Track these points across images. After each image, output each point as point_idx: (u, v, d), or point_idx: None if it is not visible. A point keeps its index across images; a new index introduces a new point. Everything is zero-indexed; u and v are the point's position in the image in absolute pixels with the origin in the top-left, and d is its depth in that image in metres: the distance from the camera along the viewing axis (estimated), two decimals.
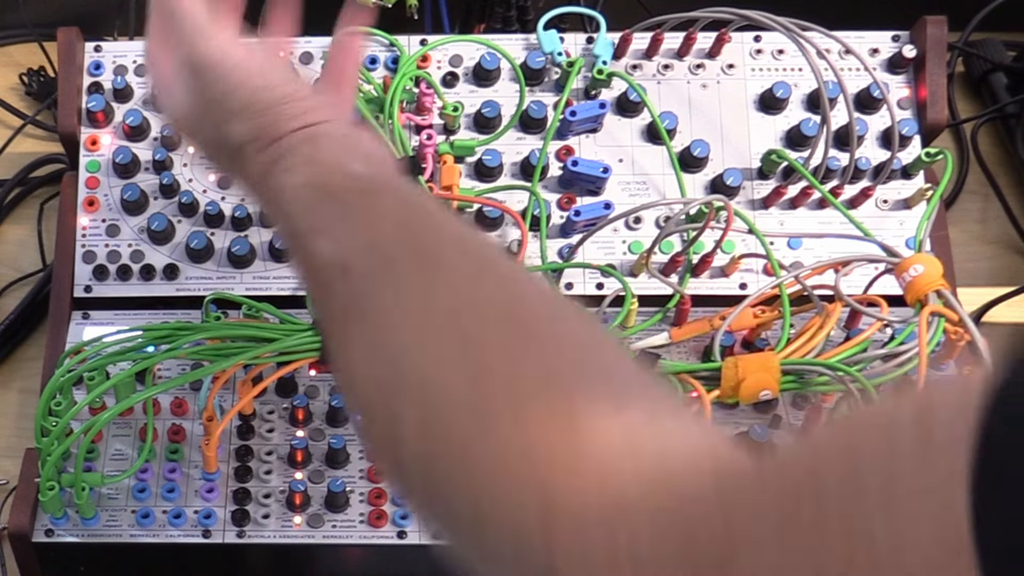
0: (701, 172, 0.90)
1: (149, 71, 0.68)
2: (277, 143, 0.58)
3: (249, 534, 0.80)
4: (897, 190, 0.90)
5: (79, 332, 0.88)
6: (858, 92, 0.90)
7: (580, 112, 0.89)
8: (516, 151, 0.90)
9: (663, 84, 0.92)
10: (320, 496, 0.81)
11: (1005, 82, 1.06)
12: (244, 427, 0.84)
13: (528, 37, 0.93)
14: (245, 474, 0.82)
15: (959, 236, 0.97)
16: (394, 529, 0.80)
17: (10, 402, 0.95)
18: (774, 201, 0.89)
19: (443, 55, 0.93)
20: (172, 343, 0.80)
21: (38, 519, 0.81)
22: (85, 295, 0.89)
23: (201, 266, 0.89)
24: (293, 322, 0.82)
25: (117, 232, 0.90)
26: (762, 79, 0.92)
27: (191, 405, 0.84)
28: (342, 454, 0.82)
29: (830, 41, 0.88)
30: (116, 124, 0.92)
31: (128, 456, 0.83)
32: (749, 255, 0.87)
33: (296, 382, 0.85)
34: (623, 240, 0.88)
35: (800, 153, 0.89)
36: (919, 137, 0.90)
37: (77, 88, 0.93)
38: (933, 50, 0.90)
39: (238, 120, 0.60)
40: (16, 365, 0.97)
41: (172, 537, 0.80)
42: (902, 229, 0.89)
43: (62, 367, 0.81)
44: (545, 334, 0.47)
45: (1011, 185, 1.03)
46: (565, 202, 0.89)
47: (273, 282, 0.88)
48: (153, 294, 0.89)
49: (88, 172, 0.91)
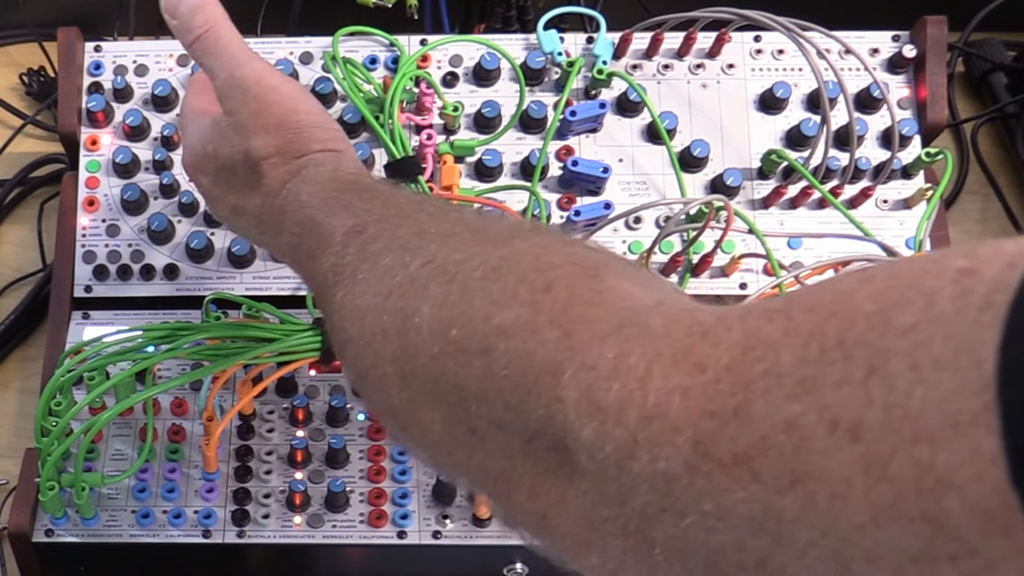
0: (701, 172, 0.90)
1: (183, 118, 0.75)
2: (301, 158, 0.65)
3: (249, 534, 0.80)
4: (897, 190, 0.90)
5: (79, 332, 0.88)
6: (858, 92, 0.90)
7: (580, 112, 0.88)
8: (516, 151, 0.90)
9: (663, 84, 0.92)
10: (320, 496, 0.81)
11: (1005, 82, 1.06)
12: (244, 427, 0.84)
13: (528, 37, 0.93)
14: (245, 474, 0.82)
15: (959, 236, 0.97)
16: (394, 529, 0.80)
17: (10, 402, 0.95)
18: (774, 201, 0.89)
19: (443, 55, 0.93)
20: (172, 343, 0.80)
21: (38, 519, 0.81)
22: (85, 295, 0.89)
23: (201, 266, 0.89)
24: (293, 322, 0.82)
25: (117, 232, 0.90)
26: (762, 79, 0.92)
27: (191, 405, 0.84)
28: (342, 454, 0.82)
29: (830, 41, 0.88)
30: (116, 124, 0.92)
31: (128, 456, 0.83)
32: (749, 255, 0.87)
33: (296, 382, 0.85)
34: (623, 240, 0.88)
35: (800, 153, 0.89)
36: (919, 137, 0.90)
37: (77, 88, 0.93)
38: (933, 50, 0.90)
39: (267, 135, 0.65)
40: (16, 365, 0.97)
41: (172, 537, 0.80)
42: (902, 229, 0.89)
43: (62, 367, 0.81)
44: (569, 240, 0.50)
45: (1011, 185, 1.03)
46: (565, 202, 0.89)
47: (273, 282, 0.88)
48: (153, 294, 0.89)
49: (88, 172, 0.91)
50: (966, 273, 0.31)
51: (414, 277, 0.49)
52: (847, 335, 0.33)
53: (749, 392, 0.35)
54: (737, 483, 0.35)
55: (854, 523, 0.32)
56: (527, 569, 0.81)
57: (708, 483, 0.35)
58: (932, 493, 0.30)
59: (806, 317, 0.35)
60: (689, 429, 0.36)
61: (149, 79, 0.93)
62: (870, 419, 0.31)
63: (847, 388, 0.32)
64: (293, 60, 0.93)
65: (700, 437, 0.36)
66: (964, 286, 0.31)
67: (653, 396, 0.37)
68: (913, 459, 0.30)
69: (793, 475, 0.33)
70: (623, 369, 0.39)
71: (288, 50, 0.94)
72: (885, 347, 0.32)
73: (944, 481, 0.30)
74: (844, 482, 0.32)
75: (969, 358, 0.29)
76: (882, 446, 0.31)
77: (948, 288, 0.31)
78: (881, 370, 0.31)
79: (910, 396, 0.30)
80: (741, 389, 0.35)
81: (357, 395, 0.83)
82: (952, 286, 0.31)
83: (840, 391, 0.32)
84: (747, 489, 0.34)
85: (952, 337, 0.30)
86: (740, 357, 0.36)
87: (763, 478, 0.34)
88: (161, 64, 0.94)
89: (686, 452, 0.36)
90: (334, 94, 0.92)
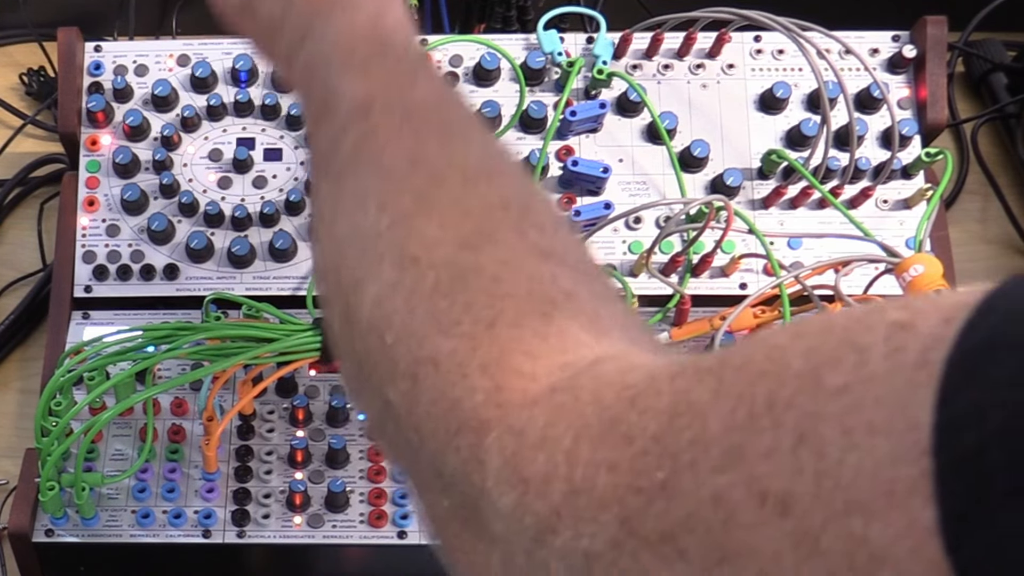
0: (701, 172, 0.90)
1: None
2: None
3: (249, 534, 0.80)
4: (897, 190, 0.90)
5: (79, 332, 0.88)
6: (858, 92, 0.90)
7: (580, 112, 0.88)
8: (516, 151, 0.90)
9: (663, 84, 0.92)
10: (320, 496, 0.81)
11: (1005, 82, 1.06)
12: (244, 427, 0.84)
13: (528, 37, 0.93)
14: (245, 474, 0.82)
15: (959, 236, 0.96)
16: (394, 529, 0.80)
17: (10, 402, 0.95)
18: (774, 201, 0.89)
19: (443, 55, 0.93)
20: (172, 343, 0.80)
21: (38, 519, 0.81)
22: (85, 295, 0.89)
23: (201, 266, 0.89)
24: (293, 322, 0.82)
25: (117, 232, 0.90)
26: (762, 79, 0.92)
27: (191, 405, 0.84)
28: (342, 454, 0.82)
29: (830, 41, 0.88)
30: (116, 124, 0.92)
31: (128, 456, 0.83)
32: (749, 255, 0.87)
33: (296, 382, 0.85)
34: (623, 240, 0.88)
35: (800, 153, 0.89)
36: (919, 137, 0.90)
37: (77, 88, 0.93)
38: (933, 50, 0.90)
39: None
40: (16, 365, 0.97)
41: (172, 537, 0.80)
42: (902, 229, 0.88)
43: (62, 367, 0.81)
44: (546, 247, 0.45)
45: (1011, 185, 1.03)
46: (565, 202, 0.89)
47: (273, 282, 0.88)
48: (153, 294, 0.89)
49: (88, 172, 0.91)
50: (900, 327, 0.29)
51: (378, 234, 0.45)
52: (777, 398, 0.31)
53: (676, 464, 0.33)
54: (663, 562, 0.33)
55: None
56: None
57: (632, 563, 0.33)
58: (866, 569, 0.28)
59: (736, 378, 0.33)
60: (616, 505, 0.34)
61: (149, 79, 0.93)
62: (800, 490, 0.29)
63: (776, 457, 0.30)
64: None
65: (626, 514, 0.34)
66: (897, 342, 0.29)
67: (580, 470, 0.35)
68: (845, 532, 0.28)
69: (721, 552, 0.31)
70: (550, 439, 0.37)
71: None
72: (815, 411, 0.30)
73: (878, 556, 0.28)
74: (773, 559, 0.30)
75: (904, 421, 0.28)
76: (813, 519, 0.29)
77: (880, 345, 0.29)
78: (811, 437, 0.30)
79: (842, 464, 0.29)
80: (668, 461, 0.33)
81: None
82: (884, 343, 0.29)
83: (769, 461, 0.30)
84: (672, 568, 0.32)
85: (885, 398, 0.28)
86: (667, 425, 0.34)
87: (689, 556, 0.32)
88: (161, 64, 0.94)
89: (612, 530, 0.34)
90: None
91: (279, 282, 0.88)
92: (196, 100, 0.93)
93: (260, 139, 0.92)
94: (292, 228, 0.89)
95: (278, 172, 0.91)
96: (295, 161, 0.91)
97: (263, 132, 0.92)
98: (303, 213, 0.90)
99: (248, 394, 0.81)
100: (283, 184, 0.90)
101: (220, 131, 0.92)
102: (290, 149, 0.92)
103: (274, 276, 0.89)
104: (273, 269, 0.89)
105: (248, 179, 0.91)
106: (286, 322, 0.82)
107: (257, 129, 0.92)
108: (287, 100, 0.92)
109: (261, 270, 0.89)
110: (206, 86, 0.93)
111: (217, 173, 0.91)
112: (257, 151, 0.91)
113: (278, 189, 0.90)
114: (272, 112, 0.92)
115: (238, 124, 0.92)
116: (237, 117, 0.92)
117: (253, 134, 0.92)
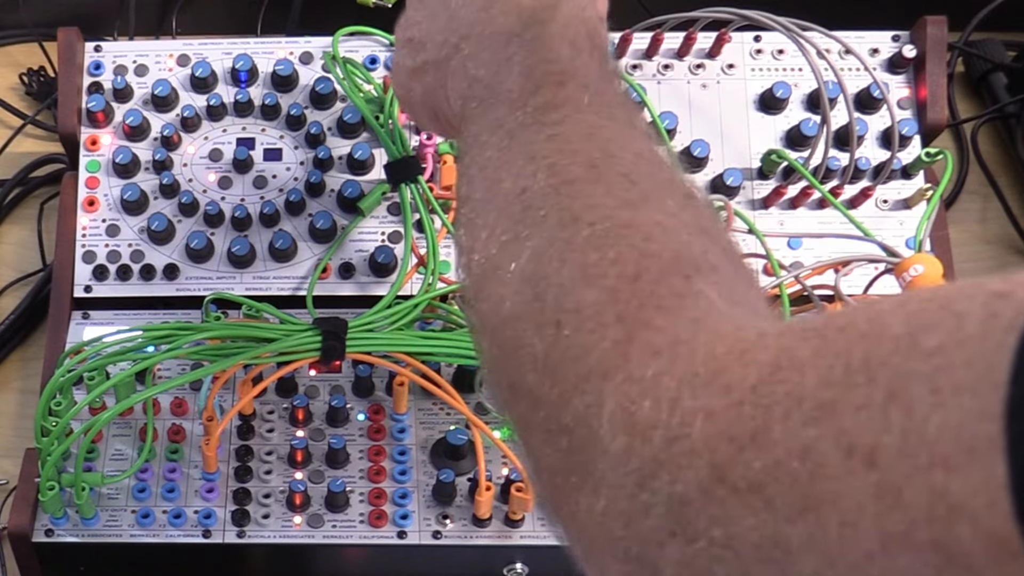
0: (701, 172, 0.90)
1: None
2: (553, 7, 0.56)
3: (249, 534, 0.80)
4: (897, 190, 0.90)
5: (79, 332, 0.88)
6: (858, 92, 0.90)
7: None
8: None
9: (663, 84, 0.92)
10: (320, 496, 0.81)
11: (1005, 82, 1.06)
12: (244, 427, 0.84)
13: None
14: (245, 474, 0.82)
15: (959, 236, 0.97)
16: (394, 529, 0.80)
17: (10, 402, 0.95)
18: (774, 201, 0.89)
19: None
20: (172, 343, 0.80)
21: (38, 519, 0.81)
22: (85, 295, 0.89)
23: (201, 266, 0.89)
24: (293, 322, 0.82)
25: (117, 232, 0.90)
26: (762, 79, 0.92)
27: (191, 405, 0.84)
28: (342, 454, 0.82)
29: (830, 41, 0.88)
30: (116, 124, 0.92)
31: (128, 456, 0.83)
32: (749, 255, 0.87)
33: (296, 382, 0.85)
34: None
35: (800, 153, 0.89)
36: (919, 137, 0.90)
37: (77, 88, 0.93)
38: (933, 50, 0.90)
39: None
40: (16, 365, 0.97)
41: (172, 537, 0.80)
42: (902, 229, 0.89)
43: (62, 367, 0.81)
44: (703, 225, 0.46)
45: (1011, 185, 1.03)
46: None
47: (273, 282, 0.88)
48: (153, 294, 0.89)
49: (88, 172, 0.91)
50: (999, 296, 0.31)
51: (544, 194, 0.47)
52: (873, 357, 0.33)
53: (769, 415, 0.34)
54: (748, 510, 0.34)
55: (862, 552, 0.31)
56: (527, 569, 0.81)
57: (720, 509, 0.35)
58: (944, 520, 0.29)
59: (838, 337, 0.34)
60: (707, 453, 0.36)
61: (149, 79, 0.93)
62: (887, 444, 0.31)
63: (866, 412, 0.32)
64: (293, 60, 0.93)
65: (717, 461, 0.35)
66: (993, 308, 0.30)
67: (679, 417, 0.37)
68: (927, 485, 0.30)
69: (805, 502, 0.33)
70: (660, 387, 0.38)
71: (288, 50, 0.94)
72: (908, 370, 0.31)
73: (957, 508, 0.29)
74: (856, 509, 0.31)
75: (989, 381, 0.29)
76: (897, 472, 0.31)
77: (978, 310, 0.31)
78: (901, 394, 0.31)
79: (927, 421, 0.30)
80: (762, 412, 0.35)
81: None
82: (982, 308, 0.31)
83: (859, 416, 0.32)
84: (757, 516, 0.34)
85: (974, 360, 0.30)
86: (767, 378, 0.35)
87: (775, 505, 0.33)
88: (161, 64, 0.94)
89: (702, 476, 0.36)
90: (334, 94, 0.92)
91: (279, 282, 0.88)
92: (196, 100, 0.93)
93: (260, 139, 0.92)
94: (292, 228, 0.89)
95: (278, 172, 0.91)
96: (295, 161, 0.91)
97: (263, 132, 0.92)
98: (303, 213, 0.90)
99: (248, 394, 0.81)
100: (283, 184, 0.91)
101: (220, 131, 0.92)
102: (290, 149, 0.92)
103: (274, 276, 0.89)
104: (273, 269, 0.89)
105: (248, 179, 0.91)
106: (286, 322, 0.82)
107: (257, 129, 0.92)
108: (287, 100, 0.92)
109: (261, 270, 0.89)
110: (206, 86, 0.93)
111: (217, 173, 0.91)
112: (257, 151, 0.91)
113: (278, 189, 0.90)
114: (272, 112, 0.92)
115: (238, 124, 0.92)
116: (237, 117, 0.92)
117: (253, 134, 0.92)
